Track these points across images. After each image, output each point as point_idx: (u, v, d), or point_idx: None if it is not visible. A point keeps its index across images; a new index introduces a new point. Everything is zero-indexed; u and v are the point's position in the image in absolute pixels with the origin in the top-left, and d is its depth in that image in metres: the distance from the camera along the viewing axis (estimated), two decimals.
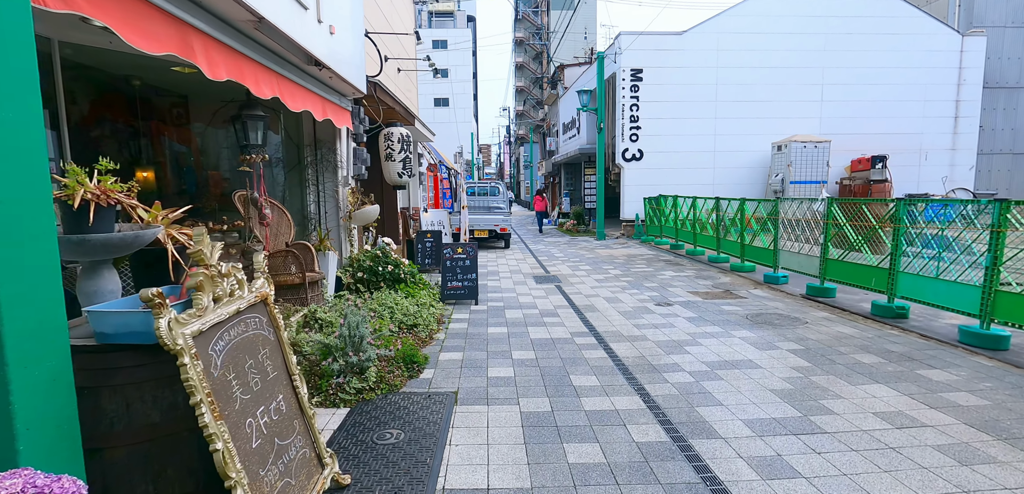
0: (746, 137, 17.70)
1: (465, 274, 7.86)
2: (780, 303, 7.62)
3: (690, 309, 7.31)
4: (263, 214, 4.59)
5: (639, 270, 10.95)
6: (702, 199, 12.44)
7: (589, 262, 12.26)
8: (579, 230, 21.09)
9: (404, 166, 7.75)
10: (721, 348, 5.47)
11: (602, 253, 13.97)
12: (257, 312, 2.65)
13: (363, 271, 6.64)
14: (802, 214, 8.39)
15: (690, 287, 8.97)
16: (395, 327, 5.64)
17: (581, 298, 8.20)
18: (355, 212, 6.79)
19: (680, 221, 13.97)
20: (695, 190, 16.37)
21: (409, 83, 12.63)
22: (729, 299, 7.95)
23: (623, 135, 17.61)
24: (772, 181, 16.80)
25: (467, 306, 7.63)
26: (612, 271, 10.88)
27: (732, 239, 10.83)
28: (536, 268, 11.55)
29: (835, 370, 4.77)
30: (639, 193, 17.60)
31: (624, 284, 9.37)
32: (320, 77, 5.47)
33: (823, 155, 16.27)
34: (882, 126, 17.75)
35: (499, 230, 15.17)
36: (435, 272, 10.65)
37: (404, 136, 7.71)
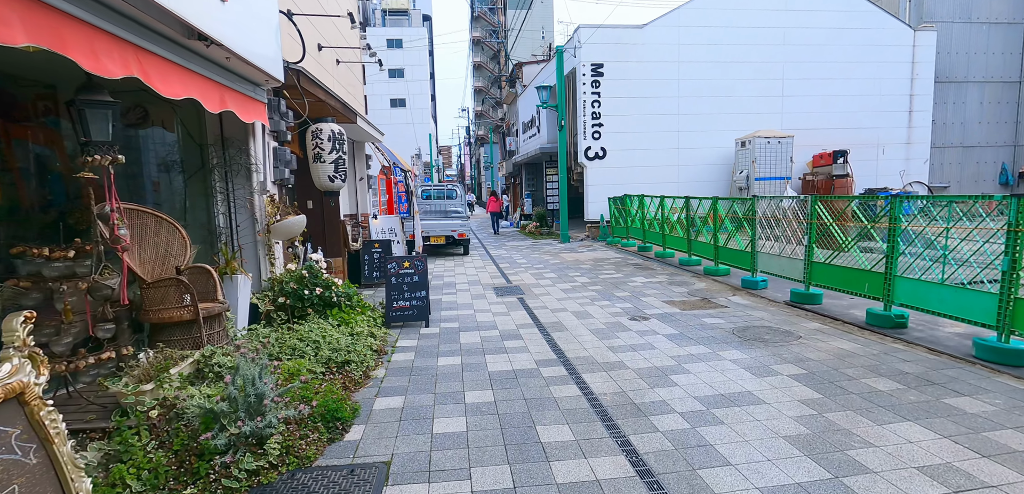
0: (710, 134, 17.29)
1: (413, 292, 6.80)
2: (764, 312, 6.92)
3: (669, 323, 6.50)
4: (115, 235, 3.41)
5: (608, 276, 10.14)
6: (671, 198, 11.79)
7: (554, 269, 11.39)
8: (542, 232, 20.26)
9: (337, 168, 6.62)
10: (713, 377, 4.63)
11: (567, 258, 13.13)
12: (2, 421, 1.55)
13: (286, 296, 5.49)
14: (781, 213, 7.75)
15: (665, 295, 8.20)
16: (320, 368, 4.55)
17: (547, 313, 7.28)
18: (275, 224, 5.63)
19: (648, 222, 13.30)
20: (660, 189, 15.81)
21: (352, 77, 11.43)
22: (709, 309, 7.20)
23: (585, 133, 16.88)
24: (737, 178, 16.43)
25: (416, 329, 6.58)
26: (579, 279, 10.03)
27: (704, 241, 10.17)
28: (496, 278, 10.58)
29: (851, 402, 4.00)
30: (603, 193, 16.90)
31: (593, 294, 8.52)
32: (211, 57, 4.32)
33: (787, 150, 15.99)
34: (841, 120, 17.69)
35: (457, 236, 14.12)
36: (384, 287, 9.51)
37: (336, 133, 6.58)
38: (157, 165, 5.43)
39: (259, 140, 5.68)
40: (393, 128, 55.86)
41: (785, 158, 16.02)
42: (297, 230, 5.79)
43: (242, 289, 5.03)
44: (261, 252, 5.76)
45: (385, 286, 6.79)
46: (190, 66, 3.99)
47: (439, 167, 69.66)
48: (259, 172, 5.68)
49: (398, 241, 12.69)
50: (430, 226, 14.16)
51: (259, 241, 5.73)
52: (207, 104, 4.17)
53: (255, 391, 3.25)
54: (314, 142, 6.47)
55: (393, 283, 6.79)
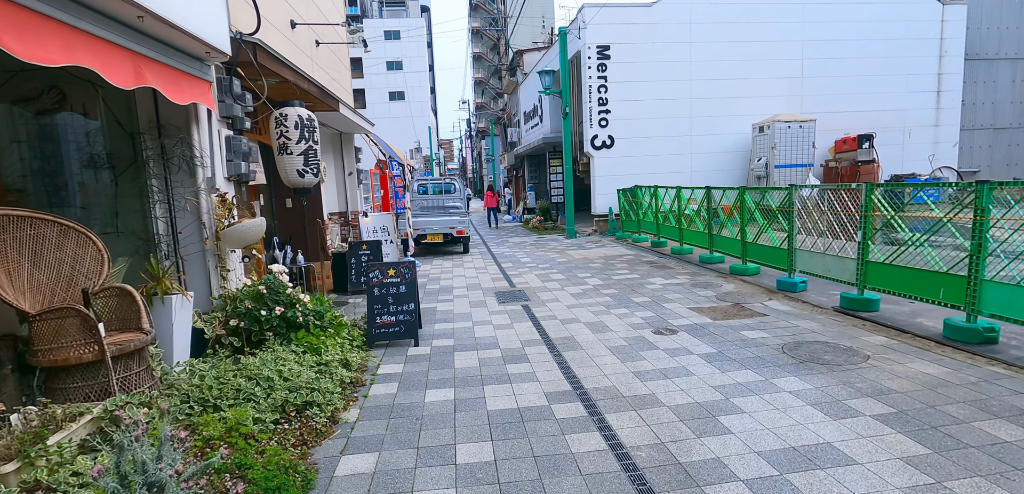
0: (724, 119, 16.18)
1: (399, 304, 5.79)
2: (813, 322, 5.89)
3: (702, 338, 5.47)
4: None
5: (622, 277, 9.11)
6: (689, 189, 10.73)
7: (561, 268, 10.37)
8: (546, 227, 19.23)
9: (307, 160, 5.59)
10: (775, 419, 3.61)
11: (575, 255, 12.10)
12: None
13: (239, 317, 4.48)
14: (825, 204, 6.68)
15: (690, 300, 7.17)
16: (271, 416, 3.54)
17: (556, 325, 6.26)
18: (225, 230, 4.62)
19: (662, 215, 12.24)
20: (671, 179, 14.75)
21: (337, 62, 10.39)
22: (746, 318, 6.17)
23: (591, 120, 15.80)
24: (755, 166, 15.34)
25: (403, 350, 5.58)
26: (590, 280, 9.00)
27: (729, 236, 9.12)
28: (498, 280, 9.56)
29: (974, 462, 2.97)
30: (611, 184, 15.85)
31: (607, 299, 7.50)
32: (114, 14, 3.29)
33: (809, 135, 14.89)
34: (864, 103, 16.56)
35: (456, 233, 13.11)
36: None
37: (305, 119, 5.55)
38: (80, 160, 4.42)
39: (204, 127, 4.66)
40: (392, 122, 54.83)
41: (807, 144, 14.92)
42: (254, 236, 4.77)
43: (179, 313, 4.03)
44: (211, 264, 4.75)
45: (367, 299, 5.78)
46: (79, 23, 2.97)
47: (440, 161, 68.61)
48: (206, 166, 4.66)
49: (391, 241, 11.69)
50: (427, 223, 13.16)
51: (208, 250, 4.72)
52: (111, 76, 3.15)
53: (148, 481, 2.25)
54: (279, 130, 5.45)
55: (376, 295, 5.78)
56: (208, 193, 4.70)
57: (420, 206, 14.86)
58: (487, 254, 13.43)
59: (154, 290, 3.92)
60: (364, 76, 56.06)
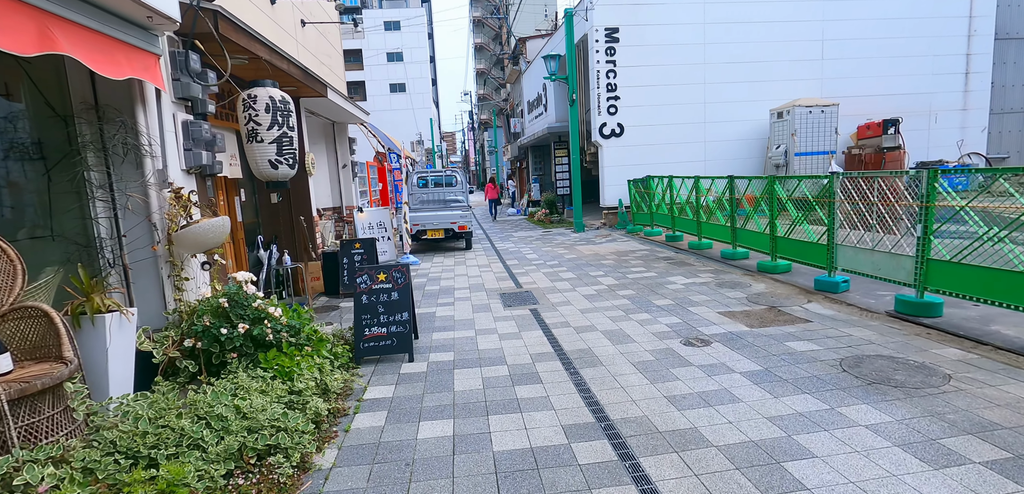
0: (740, 105, 15.33)
1: (392, 314, 5.05)
2: (866, 330, 5.11)
3: (741, 351, 4.71)
4: None
5: (638, 275, 8.34)
6: (708, 179, 9.93)
7: (571, 265, 9.61)
8: (552, 221, 18.45)
9: (281, 149, 4.83)
10: (860, 469, 2.85)
11: (585, 251, 11.33)
12: None
13: (196, 337, 3.75)
14: (875, 194, 5.88)
15: (719, 303, 6.40)
16: (222, 469, 2.81)
17: (570, 334, 5.51)
18: (178, 232, 3.88)
19: (677, 207, 11.45)
20: (684, 168, 13.95)
21: (326, 44, 9.61)
22: (787, 325, 5.41)
23: (599, 108, 14.97)
24: (773, 154, 14.50)
25: (396, 367, 4.84)
26: (603, 279, 8.24)
27: (756, 229, 8.33)
28: (504, 279, 8.81)
29: None
30: (621, 175, 15.04)
31: (625, 302, 6.74)
32: None
33: (831, 121, 14.04)
34: (888, 86, 15.67)
35: (458, 228, 12.35)
36: None
37: (277, 101, 4.78)
38: (2, 150, 3.68)
39: (153, 110, 3.91)
40: (393, 114, 54.02)
41: (829, 130, 14.07)
42: (215, 238, 4.03)
43: (117, 335, 3.29)
44: (164, 272, 4.01)
45: (354, 307, 5.04)
46: None
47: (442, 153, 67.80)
48: (156, 156, 3.91)
49: (388, 237, 10.96)
50: (427, 218, 12.41)
51: (160, 256, 3.98)
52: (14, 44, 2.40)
53: None
54: (247, 114, 4.68)
55: (364, 303, 5.04)
56: (159, 188, 3.95)
57: (420, 200, 14.11)
58: (491, 250, 12.69)
59: (82, 308, 3.19)
60: (364, 68, 55.23)
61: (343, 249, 8.25)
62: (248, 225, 7.78)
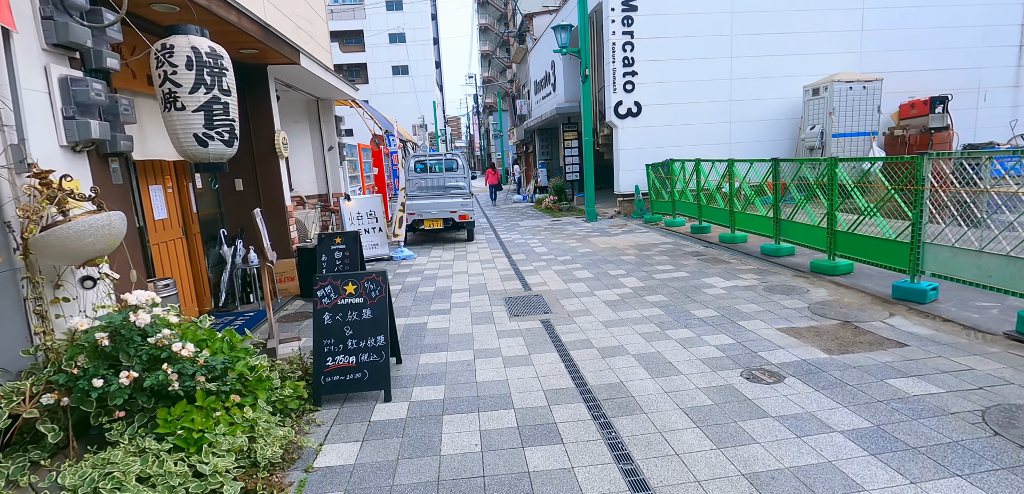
0: (770, 81, 13.92)
1: (363, 338, 3.85)
2: (989, 360, 3.86)
3: (829, 392, 3.48)
4: None
5: (666, 275, 7.10)
6: (744, 162, 8.63)
7: (586, 261, 8.37)
8: (561, 208, 17.18)
9: (210, 120, 3.59)
10: None
11: (600, 244, 10.08)
12: None
13: (60, 389, 2.56)
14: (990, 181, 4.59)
15: (775, 316, 5.16)
16: None
17: (594, 360, 4.30)
18: (39, 235, 2.67)
19: (706, 194, 10.16)
20: (707, 151, 12.62)
21: (305, 7, 8.31)
22: (874, 349, 4.17)
23: (615, 84, 13.61)
24: (806, 136, 13.11)
25: (367, 409, 3.66)
26: (626, 279, 7.00)
27: (808, 221, 7.04)
28: (509, 278, 7.59)
29: None
30: (638, 158, 13.72)
31: (657, 311, 5.52)
32: None
33: (873, 98, 12.63)
34: (934, 60, 14.19)
35: (458, 218, 11.12)
36: None
37: (205, 55, 3.53)
38: None
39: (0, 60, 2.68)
40: (395, 97, 52.67)
41: (871, 108, 12.67)
42: (97, 243, 2.81)
43: None
44: (25, 291, 2.81)
45: (313, 328, 3.85)
46: None
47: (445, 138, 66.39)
48: (8, 126, 2.70)
49: (378, 228, 9.75)
50: (424, 206, 11.17)
51: (16, 270, 2.78)
52: None
53: None
54: (161, 71, 3.45)
55: (326, 323, 3.84)
56: (15, 172, 2.74)
57: (417, 186, 12.89)
58: (495, 241, 11.46)
59: None
60: (366, 49, 53.84)
61: (321, 245, 7.04)
62: (207, 217, 6.60)
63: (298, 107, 9.67)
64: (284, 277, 7.04)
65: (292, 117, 9.62)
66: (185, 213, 6.11)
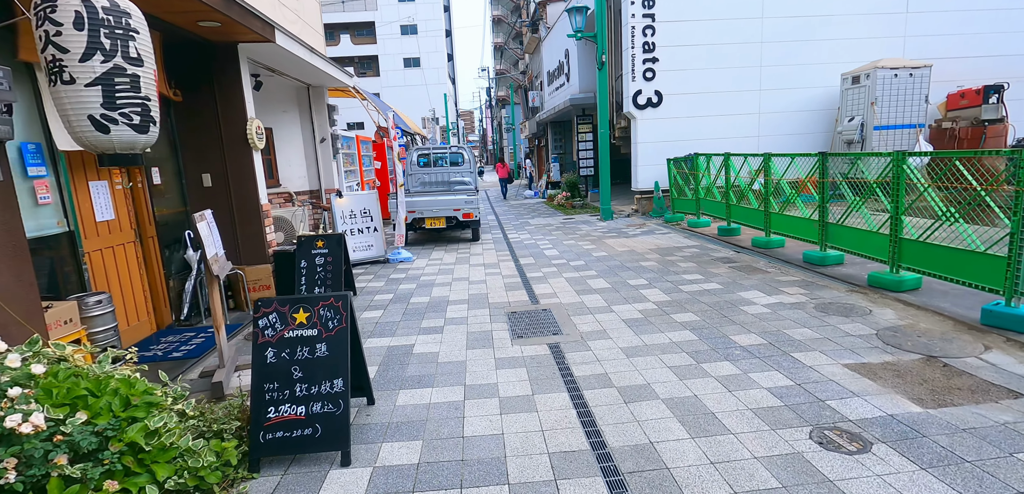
0: (803, 68, 12.78)
1: (315, 381, 2.98)
2: None
3: (941, 473, 2.53)
4: None
5: (696, 286, 6.13)
6: (785, 156, 7.60)
7: (602, 267, 7.43)
8: (574, 205, 16.22)
9: (112, 98, 2.72)
10: None
11: (617, 246, 9.13)
12: None
13: None
14: None
15: (837, 345, 4.18)
16: None
17: (614, 405, 3.38)
18: None
19: (736, 192, 9.14)
20: (733, 145, 11.57)
21: None
22: (981, 399, 3.19)
23: (634, 72, 12.58)
24: (844, 128, 11.97)
25: (316, 481, 2.79)
26: (649, 292, 6.05)
27: (864, 226, 6.02)
28: (515, 287, 6.69)
29: None
30: (658, 153, 12.70)
31: (688, 335, 4.57)
32: None
33: (920, 86, 11.46)
34: (984, 45, 12.93)
35: (462, 217, 10.24)
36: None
37: (99, 10, 2.65)
38: None
39: None
40: (407, 90, 51.94)
41: (918, 97, 11.50)
42: None
43: None
44: None
45: (252, 369, 2.98)
46: None
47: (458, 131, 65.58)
48: None
49: (374, 228, 8.90)
50: (426, 203, 10.29)
51: None
52: None
53: None
54: (43, 30, 2.59)
55: (269, 364, 2.98)
56: None
57: (420, 181, 12.02)
58: (501, 241, 10.57)
59: None
60: (377, 41, 53.13)
61: (300, 249, 6.20)
62: (169, 218, 5.80)
63: (287, 95, 8.85)
64: (258, 285, 6.22)
65: (280, 105, 8.80)
66: (140, 213, 5.30)
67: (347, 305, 3.09)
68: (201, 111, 5.83)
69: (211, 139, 5.91)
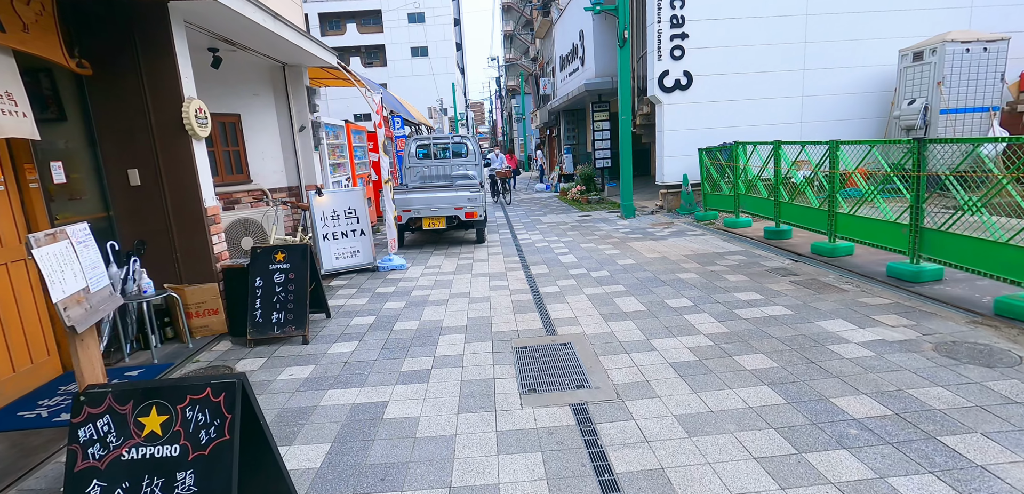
0: (853, 44, 11.23)
1: None
2: None
3: None
4: None
5: (756, 312, 4.75)
6: (862, 144, 6.15)
7: (631, 281, 6.06)
8: (590, 200, 14.82)
9: None
10: None
11: (645, 252, 7.75)
12: None
13: None
14: None
15: (1014, 428, 2.81)
16: None
17: None
18: None
19: (788, 186, 7.71)
20: (772, 132, 10.13)
21: None
22: None
23: (660, 50, 11.13)
24: (903, 112, 10.44)
25: None
26: (697, 319, 4.68)
27: (986, 235, 4.59)
28: (525, 308, 5.35)
29: None
30: (686, 141, 11.26)
31: (771, 397, 3.22)
32: None
33: (996, 63, 9.88)
34: None
35: (465, 216, 8.91)
36: (292, 340, 4.48)
37: None
38: None
39: None
40: (414, 80, 50.63)
41: (992, 77, 9.93)
42: None
43: None
44: None
45: None
46: None
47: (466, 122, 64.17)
48: None
49: (360, 232, 7.62)
50: (423, 201, 8.96)
51: None
52: None
53: None
54: None
55: None
56: None
57: (419, 175, 10.73)
58: (509, 243, 9.24)
59: None
60: (384, 30, 51.80)
61: (255, 264, 4.92)
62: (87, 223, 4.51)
63: (257, 75, 7.57)
64: (202, 309, 4.95)
65: (248, 87, 7.52)
66: (33, 221, 4.05)
67: (235, 399, 1.78)
68: (122, 90, 4.56)
69: (138, 126, 4.64)
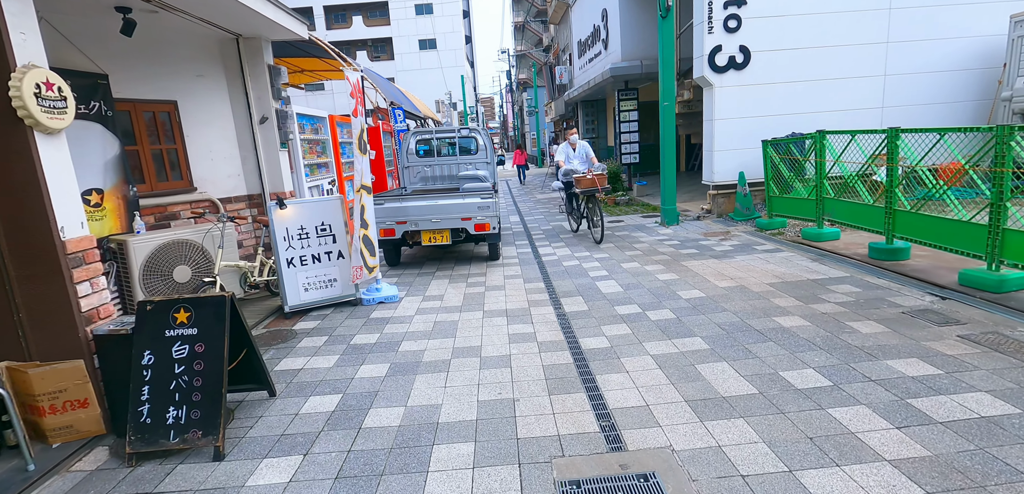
0: (948, 10, 9.19)
1: None
2: None
3: None
4: None
5: (949, 406, 2.85)
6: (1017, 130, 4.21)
7: (711, 332, 4.18)
8: (618, 201, 12.90)
9: None
10: None
11: (709, 276, 5.84)
12: None
13: None
14: None
15: None
16: None
17: None
18: None
19: (903, 192, 5.75)
20: (845, 119, 8.24)
21: None
22: None
23: (710, 21, 9.16)
24: (1015, 93, 8.38)
25: None
26: (855, 421, 2.79)
27: None
28: (564, 389, 3.49)
29: None
30: (743, 132, 9.31)
31: None
32: None
33: None
34: None
35: (474, 228, 7.06)
36: (197, 454, 2.69)
37: None
38: None
39: None
40: (423, 73, 48.89)
41: None
42: None
43: None
44: None
45: None
46: None
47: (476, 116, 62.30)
48: None
49: (337, 253, 5.81)
50: (421, 210, 7.08)
51: None
52: None
53: None
54: None
55: None
56: None
57: (419, 176, 8.93)
58: (530, 260, 7.40)
59: None
60: (391, 23, 50.12)
61: (143, 327, 3.11)
62: None
63: (202, 50, 5.79)
64: (62, 403, 3.16)
65: (190, 66, 5.75)
66: None
67: None
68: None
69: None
